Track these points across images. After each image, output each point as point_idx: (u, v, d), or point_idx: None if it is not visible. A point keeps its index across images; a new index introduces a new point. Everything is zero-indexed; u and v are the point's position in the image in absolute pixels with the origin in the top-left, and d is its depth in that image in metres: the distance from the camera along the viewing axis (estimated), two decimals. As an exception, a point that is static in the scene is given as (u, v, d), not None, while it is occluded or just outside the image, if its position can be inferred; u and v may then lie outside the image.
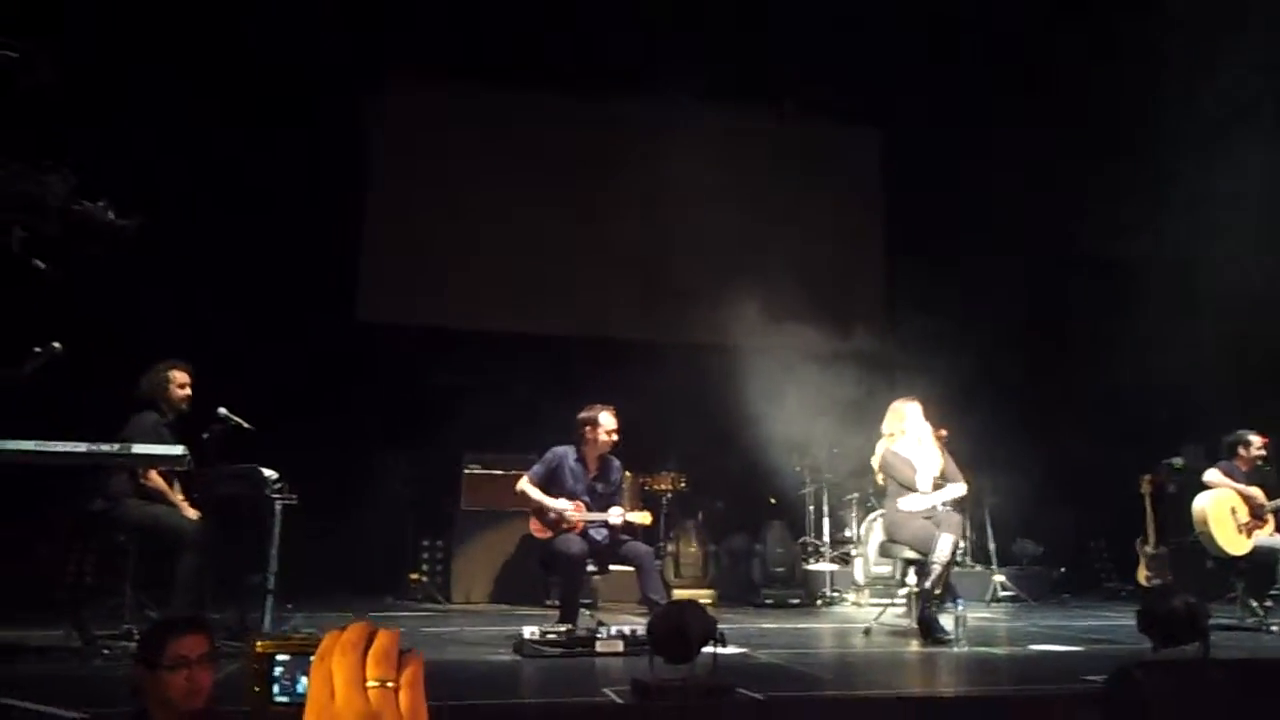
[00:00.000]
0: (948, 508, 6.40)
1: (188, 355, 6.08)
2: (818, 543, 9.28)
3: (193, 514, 5.64)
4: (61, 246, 4.00)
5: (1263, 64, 8.33)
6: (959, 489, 6.41)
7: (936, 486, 6.37)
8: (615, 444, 6.21)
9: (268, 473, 5.68)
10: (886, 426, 6.65)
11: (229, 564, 5.82)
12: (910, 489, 6.36)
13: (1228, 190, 8.86)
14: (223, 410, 5.87)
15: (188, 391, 5.85)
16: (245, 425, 5.83)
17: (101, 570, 5.79)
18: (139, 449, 5.38)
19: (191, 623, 2.76)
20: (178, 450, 5.41)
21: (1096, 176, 9.68)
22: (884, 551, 6.92)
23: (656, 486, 9.34)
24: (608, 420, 6.15)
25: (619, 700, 4.02)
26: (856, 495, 9.18)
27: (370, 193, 10.13)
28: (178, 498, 5.72)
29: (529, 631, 5.28)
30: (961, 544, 6.82)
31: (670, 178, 10.45)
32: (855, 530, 9.08)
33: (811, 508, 9.40)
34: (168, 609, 5.51)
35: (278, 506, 5.70)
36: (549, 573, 6.49)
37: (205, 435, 5.73)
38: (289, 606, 6.65)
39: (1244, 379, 9.34)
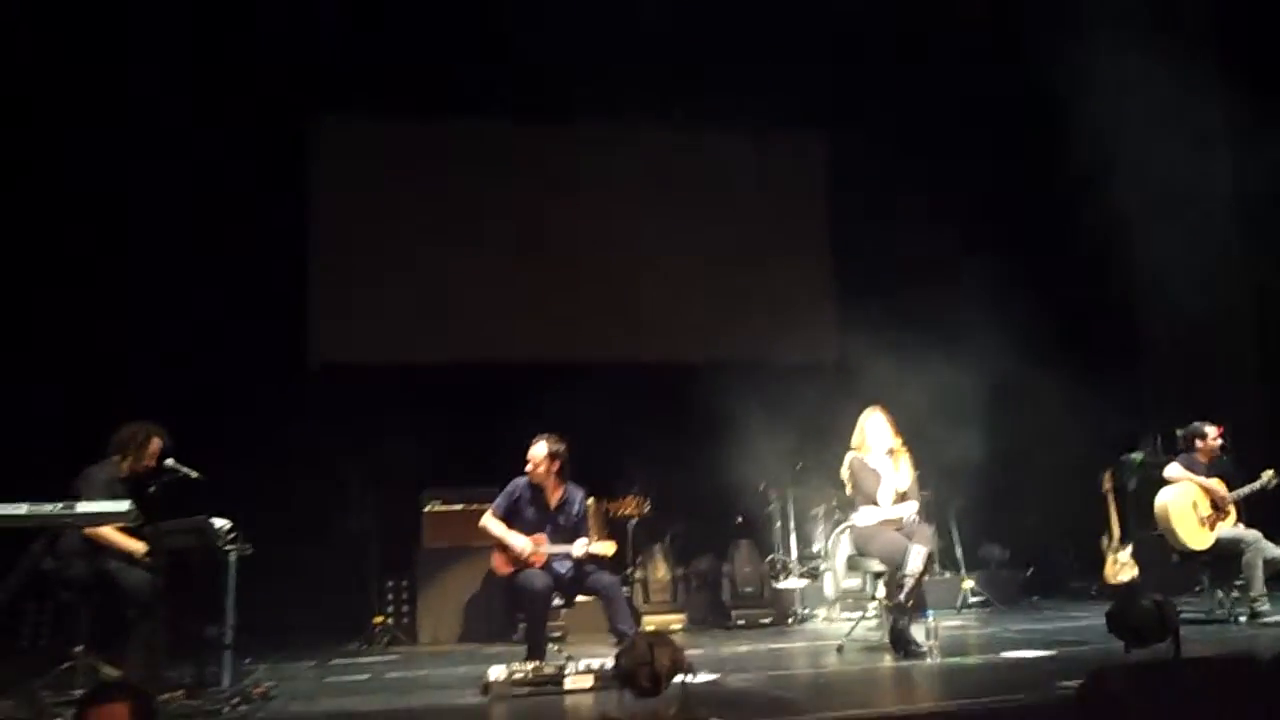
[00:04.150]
0: (916, 519, 6.36)
1: (136, 401, 6.04)
2: (786, 559, 9.22)
3: (141, 546, 5.47)
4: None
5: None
6: (911, 508, 6.36)
7: (900, 500, 6.32)
8: (552, 473, 6.09)
9: (220, 523, 5.52)
10: (855, 439, 6.59)
11: (185, 618, 5.65)
12: (870, 501, 6.31)
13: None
14: (170, 461, 5.72)
15: (155, 462, 5.76)
16: (194, 475, 5.67)
17: (54, 632, 5.63)
18: (82, 508, 5.23)
19: (111, 691, 2.63)
20: (123, 506, 5.25)
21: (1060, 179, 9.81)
22: (852, 565, 6.87)
23: (621, 512, 9.23)
24: (531, 451, 6.06)
25: (589, 739, 3.93)
26: (822, 509, 9.13)
27: (315, 232, 9.93)
28: (128, 542, 5.55)
29: (495, 672, 5.17)
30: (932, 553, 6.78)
31: (619, 197, 10.43)
32: (823, 545, 9.03)
33: (778, 524, 9.34)
34: (122, 670, 5.35)
35: (232, 558, 5.55)
36: (515, 609, 6.36)
37: (151, 489, 5.56)
38: (248, 660, 6.48)
39: (1201, 371, 9.47)
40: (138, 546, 5.50)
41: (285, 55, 8.96)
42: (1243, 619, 6.52)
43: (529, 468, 6.05)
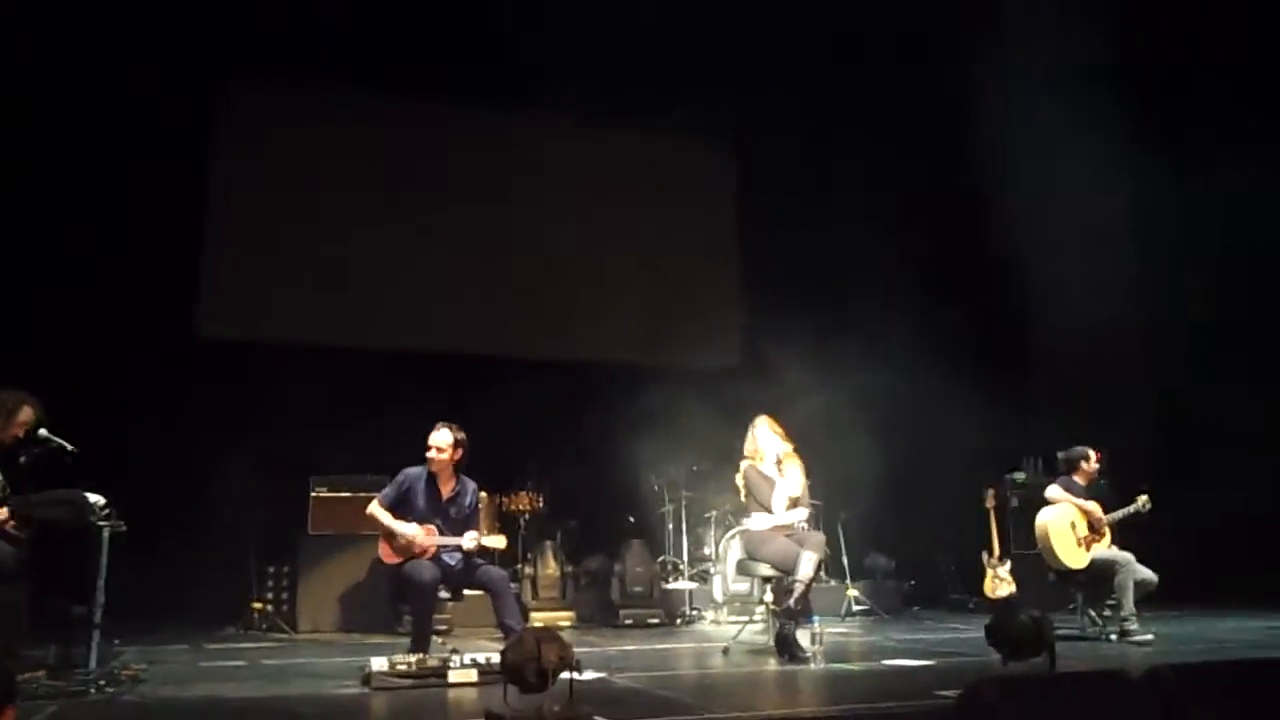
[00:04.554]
0: (805, 526, 6.44)
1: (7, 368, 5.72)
2: (676, 561, 9.25)
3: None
4: None
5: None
6: (801, 514, 6.46)
7: (792, 506, 6.39)
8: (453, 462, 5.97)
9: (94, 498, 5.28)
10: (748, 447, 6.63)
11: (52, 595, 5.39)
12: (765, 507, 6.36)
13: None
14: (43, 431, 5.44)
15: (24, 432, 5.46)
16: (68, 447, 5.41)
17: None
18: (-58, 476, 4.98)
19: None
20: (-13, 476, 5.02)
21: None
22: (742, 569, 6.90)
23: (514, 507, 9.16)
24: (432, 437, 5.95)
25: (471, 733, 3.86)
26: (715, 513, 9.19)
27: (211, 205, 9.63)
28: None
29: (378, 663, 5.05)
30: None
31: (527, 194, 10.36)
32: (714, 548, 9.09)
33: (670, 526, 9.37)
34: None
35: (105, 534, 5.31)
36: (400, 600, 6.22)
37: (22, 459, 5.29)
38: (117, 642, 6.22)
39: (1080, 395, 9.78)
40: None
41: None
42: (1113, 637, 6.75)
43: (431, 454, 5.91)
